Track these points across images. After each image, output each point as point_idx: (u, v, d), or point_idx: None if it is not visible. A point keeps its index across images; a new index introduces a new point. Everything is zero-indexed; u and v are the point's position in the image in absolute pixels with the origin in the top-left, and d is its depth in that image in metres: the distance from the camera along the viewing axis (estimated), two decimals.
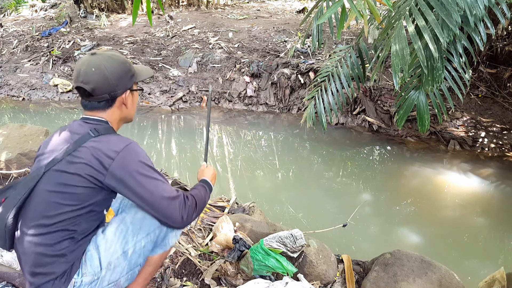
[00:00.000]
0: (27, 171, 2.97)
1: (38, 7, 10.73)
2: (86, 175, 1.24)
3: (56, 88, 7.03)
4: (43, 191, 1.26)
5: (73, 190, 1.25)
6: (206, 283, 1.97)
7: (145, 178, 1.27)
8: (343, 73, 3.58)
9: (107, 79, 1.32)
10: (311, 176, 4.57)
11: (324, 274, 2.05)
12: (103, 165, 1.24)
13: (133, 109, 1.47)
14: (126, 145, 1.28)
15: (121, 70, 1.36)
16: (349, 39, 7.03)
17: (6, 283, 1.85)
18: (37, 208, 1.26)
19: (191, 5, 10.68)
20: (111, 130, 1.37)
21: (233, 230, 2.24)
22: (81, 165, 1.24)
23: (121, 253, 1.38)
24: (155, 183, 1.28)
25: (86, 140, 1.28)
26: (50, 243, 1.26)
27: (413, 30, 2.44)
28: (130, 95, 1.42)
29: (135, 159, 1.28)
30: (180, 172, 4.50)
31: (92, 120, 1.36)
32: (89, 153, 1.25)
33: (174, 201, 1.29)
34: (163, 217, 1.30)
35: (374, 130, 5.51)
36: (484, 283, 1.99)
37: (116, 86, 1.35)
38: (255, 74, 6.60)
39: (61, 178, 1.25)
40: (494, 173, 4.34)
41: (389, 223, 3.51)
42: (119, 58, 1.38)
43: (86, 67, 1.32)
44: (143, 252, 1.45)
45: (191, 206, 1.34)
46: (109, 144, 1.27)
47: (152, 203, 1.27)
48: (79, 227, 1.29)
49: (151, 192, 1.27)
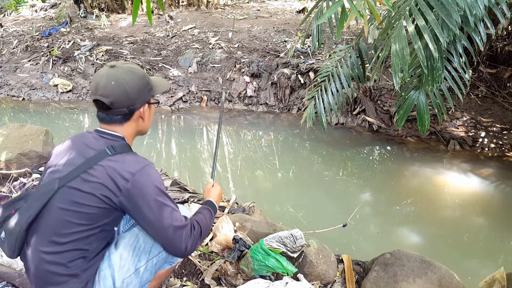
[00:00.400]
0: (27, 171, 2.97)
1: (38, 7, 10.73)
2: (100, 195, 1.22)
3: (56, 88, 7.03)
4: (56, 208, 1.24)
5: (87, 210, 1.23)
6: (206, 283, 1.97)
7: (157, 203, 1.26)
8: (343, 73, 3.58)
9: (127, 93, 1.30)
10: (311, 176, 4.57)
11: (324, 274, 2.05)
12: (118, 186, 1.23)
13: (149, 122, 1.46)
14: (142, 167, 1.27)
15: (141, 84, 1.35)
16: (349, 39, 7.03)
17: (6, 283, 1.85)
18: (49, 225, 1.25)
19: (191, 5, 10.68)
20: (127, 147, 1.35)
21: (233, 230, 2.24)
22: (96, 184, 1.23)
23: (133, 271, 1.38)
24: (166, 210, 1.27)
25: (102, 158, 1.26)
26: (63, 262, 1.25)
27: (413, 30, 2.44)
28: (148, 108, 1.41)
29: (150, 183, 1.26)
30: (180, 172, 4.50)
31: (108, 135, 1.34)
32: (104, 173, 1.23)
33: (181, 230, 1.28)
34: (167, 245, 1.29)
35: (374, 130, 5.51)
36: (484, 283, 1.99)
37: (135, 100, 1.34)
38: (255, 74, 6.60)
39: (75, 196, 1.23)
40: (494, 173, 4.34)
41: (389, 223, 3.51)
42: (139, 71, 1.36)
43: (105, 80, 1.29)
44: (154, 269, 1.46)
45: (196, 236, 1.33)
46: (124, 164, 1.26)
47: (159, 230, 1.26)
48: (90, 246, 1.29)
49: (160, 218, 1.25)
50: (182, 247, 1.28)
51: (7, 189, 2.83)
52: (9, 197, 2.72)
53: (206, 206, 1.54)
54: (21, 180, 2.89)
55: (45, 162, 3.14)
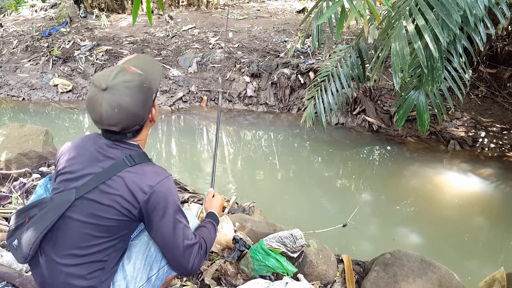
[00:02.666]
0: (27, 171, 2.97)
1: (38, 7, 10.73)
2: (120, 207, 1.20)
3: (56, 88, 7.02)
4: (75, 221, 1.21)
5: (106, 223, 1.21)
6: (206, 283, 1.97)
7: (172, 219, 1.25)
8: (343, 73, 3.58)
9: (134, 114, 1.22)
10: (311, 176, 4.57)
11: (324, 274, 2.05)
12: (137, 199, 1.21)
13: (157, 117, 1.41)
14: (161, 180, 1.24)
15: (143, 98, 1.24)
16: (349, 39, 7.03)
17: (6, 283, 1.85)
18: (68, 238, 1.22)
19: (191, 5, 10.68)
20: (145, 157, 1.31)
21: (233, 230, 2.24)
22: (116, 197, 1.20)
23: (146, 280, 1.38)
24: (179, 226, 1.26)
25: (121, 169, 1.22)
26: (82, 274, 1.23)
27: (413, 30, 2.44)
28: (153, 107, 1.36)
29: (167, 197, 1.25)
30: (180, 172, 4.50)
31: (124, 144, 1.29)
32: (124, 185, 1.20)
33: (191, 248, 1.28)
34: (173, 261, 1.30)
35: (374, 130, 5.51)
36: (484, 283, 1.99)
37: (143, 114, 1.26)
38: (255, 74, 6.60)
39: (94, 209, 1.20)
40: (494, 173, 4.34)
41: (389, 223, 3.51)
42: (135, 83, 1.22)
43: (106, 108, 1.18)
44: (165, 277, 1.46)
45: (202, 254, 1.33)
46: (144, 177, 1.23)
47: (170, 246, 1.26)
48: (109, 257, 1.27)
49: (173, 235, 1.25)
50: (189, 266, 1.29)
51: (7, 189, 2.82)
52: (9, 197, 2.72)
53: (209, 219, 1.53)
54: (21, 180, 2.88)
55: (44, 163, 3.14)
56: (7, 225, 2.30)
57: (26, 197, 2.73)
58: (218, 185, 4.15)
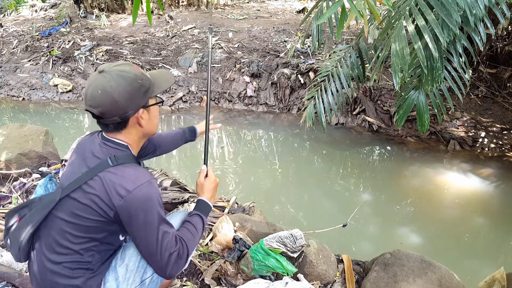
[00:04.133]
0: (27, 171, 2.97)
1: (38, 7, 10.73)
2: (97, 207, 1.19)
3: (56, 88, 7.03)
4: (59, 219, 1.23)
5: (85, 223, 1.21)
6: (206, 283, 1.97)
7: (149, 226, 1.20)
8: (343, 73, 3.58)
9: (116, 102, 1.19)
10: (311, 176, 4.57)
11: (324, 274, 2.05)
12: (112, 201, 1.18)
13: (152, 125, 1.34)
14: (140, 184, 1.19)
15: (131, 90, 1.22)
16: (349, 39, 7.03)
17: (6, 283, 1.85)
18: (51, 235, 1.24)
19: (191, 5, 10.69)
20: (131, 158, 1.28)
21: (233, 230, 2.24)
22: (94, 196, 1.19)
23: (139, 283, 1.36)
24: (158, 234, 1.21)
25: (103, 168, 1.21)
26: (64, 273, 1.24)
27: (413, 30, 2.44)
28: (146, 112, 1.29)
29: (145, 204, 1.19)
30: (180, 172, 4.50)
31: (112, 143, 1.28)
32: (102, 185, 1.18)
33: (168, 257, 1.23)
34: (152, 266, 1.26)
35: (374, 130, 5.51)
36: (484, 283, 1.99)
37: (127, 107, 1.22)
38: (255, 74, 6.60)
39: (75, 208, 1.21)
40: (494, 173, 4.34)
41: (389, 223, 3.51)
42: (129, 74, 1.23)
43: (92, 89, 1.20)
44: (160, 280, 1.44)
45: (182, 261, 1.27)
46: (123, 179, 1.19)
47: (147, 253, 1.23)
48: (93, 258, 1.27)
49: (149, 242, 1.21)
50: (166, 274, 1.25)
51: (7, 189, 2.82)
52: (9, 197, 2.72)
53: (197, 212, 1.43)
54: (21, 180, 2.88)
55: (44, 163, 3.14)
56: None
57: (26, 197, 2.73)
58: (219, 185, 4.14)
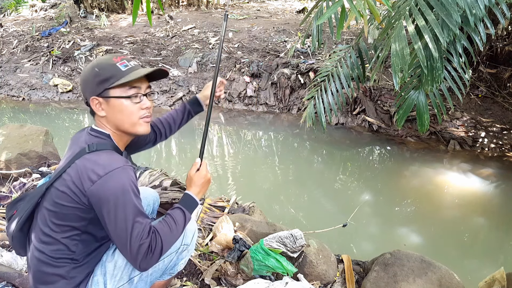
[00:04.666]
0: (27, 171, 2.97)
1: (38, 7, 10.73)
2: (72, 193, 1.18)
3: (56, 88, 7.03)
4: (44, 209, 1.25)
5: (63, 210, 1.20)
6: (206, 283, 1.97)
7: (118, 213, 1.16)
8: (343, 73, 3.58)
9: (82, 85, 1.31)
10: (311, 176, 4.57)
11: (324, 274, 2.05)
12: (84, 187, 1.16)
13: (118, 118, 1.29)
14: (111, 170, 1.17)
15: (87, 76, 1.27)
16: (349, 39, 7.03)
17: (6, 283, 1.85)
18: (38, 226, 1.26)
19: (191, 5, 10.68)
20: (109, 145, 1.27)
21: (233, 230, 2.24)
22: (69, 182, 1.19)
23: (127, 280, 1.35)
24: (127, 222, 1.16)
25: (80, 156, 1.21)
26: (50, 263, 1.24)
27: (413, 30, 2.44)
28: (104, 101, 1.26)
29: (115, 189, 1.16)
30: (180, 172, 4.50)
31: (95, 132, 1.31)
32: (76, 171, 1.18)
33: (138, 249, 1.17)
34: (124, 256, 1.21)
35: (374, 130, 5.51)
36: (484, 283, 1.99)
37: (84, 92, 1.30)
38: (255, 74, 6.60)
39: (54, 196, 1.21)
40: (494, 173, 4.34)
41: (389, 223, 3.51)
42: (93, 62, 1.30)
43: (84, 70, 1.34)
44: (150, 280, 1.42)
45: (154, 255, 1.20)
46: (95, 165, 1.18)
47: (118, 242, 1.19)
48: (76, 248, 1.26)
49: (118, 231, 1.16)
50: (137, 266, 1.20)
51: (7, 189, 2.83)
52: (9, 197, 2.72)
53: (179, 205, 1.34)
54: (21, 180, 2.88)
55: (44, 163, 3.14)
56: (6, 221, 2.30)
57: None
58: (219, 185, 4.14)
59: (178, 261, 1.47)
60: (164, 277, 1.50)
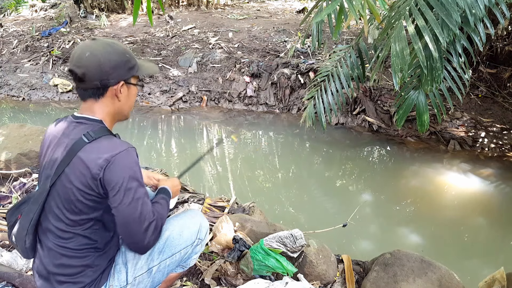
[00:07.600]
0: (27, 171, 2.97)
1: (38, 7, 10.73)
2: (83, 186, 1.20)
3: (56, 88, 7.03)
4: (53, 206, 1.26)
5: (77, 205, 1.23)
6: (206, 283, 1.97)
7: (128, 194, 1.20)
8: (343, 73, 3.58)
9: (100, 66, 1.23)
10: (311, 176, 4.57)
11: (324, 274, 2.05)
12: (94, 175, 1.19)
13: (127, 105, 1.36)
14: (117, 153, 1.21)
15: (118, 59, 1.27)
16: (349, 39, 7.03)
17: (6, 283, 1.85)
18: (51, 223, 1.27)
19: (191, 5, 10.68)
20: (105, 130, 1.28)
21: (233, 230, 2.24)
22: (77, 176, 1.20)
23: (146, 270, 1.41)
24: (139, 203, 1.22)
25: (80, 147, 1.22)
26: (76, 255, 1.28)
27: (413, 30, 2.44)
28: (126, 87, 1.32)
29: (123, 170, 1.20)
30: (179, 172, 4.50)
31: (84, 120, 1.28)
32: (82, 163, 1.20)
33: (149, 227, 1.23)
34: (130, 238, 1.23)
35: (374, 130, 5.51)
36: (484, 283, 1.99)
37: (109, 74, 1.25)
38: (255, 74, 6.60)
39: (64, 193, 1.23)
40: (494, 173, 4.34)
41: (389, 223, 3.51)
42: (119, 47, 1.30)
43: (81, 51, 1.25)
44: (167, 271, 1.48)
45: (158, 232, 1.28)
46: (99, 152, 1.21)
47: (130, 223, 1.21)
48: (98, 237, 1.30)
49: (133, 211, 1.21)
50: (145, 244, 1.24)
51: (7, 189, 2.83)
52: (9, 197, 2.72)
53: (163, 195, 1.46)
54: (21, 180, 2.89)
55: None
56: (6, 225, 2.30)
57: None
58: (219, 185, 4.15)
59: (192, 254, 1.57)
60: (177, 269, 1.56)
